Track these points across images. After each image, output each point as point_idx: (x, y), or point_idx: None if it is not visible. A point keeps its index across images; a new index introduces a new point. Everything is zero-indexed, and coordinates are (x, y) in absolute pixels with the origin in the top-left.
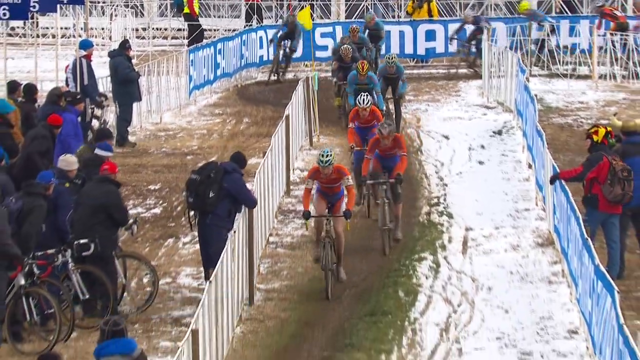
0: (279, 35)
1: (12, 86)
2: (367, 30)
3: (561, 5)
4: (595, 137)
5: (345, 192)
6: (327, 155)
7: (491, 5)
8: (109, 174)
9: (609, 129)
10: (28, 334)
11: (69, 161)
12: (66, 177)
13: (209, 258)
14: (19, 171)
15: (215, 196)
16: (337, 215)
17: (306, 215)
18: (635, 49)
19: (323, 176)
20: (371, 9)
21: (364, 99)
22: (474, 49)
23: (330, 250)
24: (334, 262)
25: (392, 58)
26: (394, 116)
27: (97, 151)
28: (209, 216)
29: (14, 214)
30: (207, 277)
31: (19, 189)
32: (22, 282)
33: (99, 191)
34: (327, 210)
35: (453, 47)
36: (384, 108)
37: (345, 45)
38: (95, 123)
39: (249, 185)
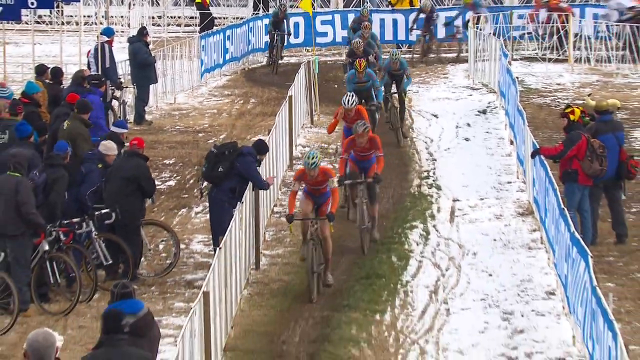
0: (270, 25)
1: (41, 69)
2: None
3: None
4: (572, 117)
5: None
6: (313, 158)
7: None
8: (137, 149)
9: (581, 108)
10: (55, 294)
11: (108, 146)
12: (103, 160)
13: (211, 226)
14: (48, 148)
15: (224, 172)
16: (321, 218)
17: (289, 218)
18: (608, 35)
19: (309, 178)
20: None
21: (348, 100)
22: (427, 38)
23: (316, 252)
24: (320, 263)
25: (396, 55)
26: (397, 110)
27: (113, 128)
28: (214, 189)
29: (40, 186)
30: (214, 244)
31: None
32: (46, 247)
33: (129, 164)
34: (313, 212)
35: (413, 37)
36: (381, 102)
37: (357, 39)
38: (115, 103)
39: None
